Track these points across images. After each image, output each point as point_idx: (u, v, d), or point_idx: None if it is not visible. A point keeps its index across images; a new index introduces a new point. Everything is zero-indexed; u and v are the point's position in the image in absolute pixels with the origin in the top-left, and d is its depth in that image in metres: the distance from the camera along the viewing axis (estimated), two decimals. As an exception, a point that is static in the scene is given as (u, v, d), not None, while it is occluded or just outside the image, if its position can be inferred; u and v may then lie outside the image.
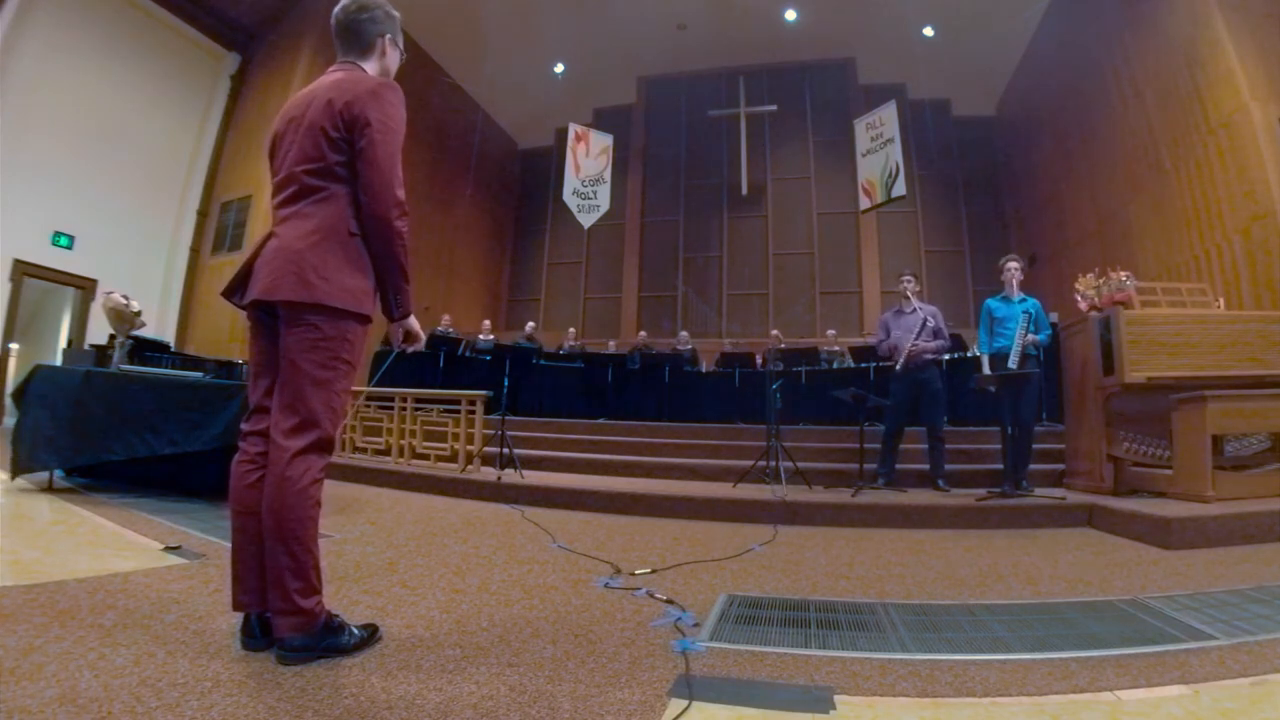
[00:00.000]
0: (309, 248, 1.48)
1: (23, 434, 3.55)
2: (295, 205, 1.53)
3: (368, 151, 1.51)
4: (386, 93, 1.57)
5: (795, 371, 7.34)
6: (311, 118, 1.54)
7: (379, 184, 1.51)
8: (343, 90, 1.54)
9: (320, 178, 1.52)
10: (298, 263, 1.46)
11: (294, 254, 1.47)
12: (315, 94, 1.58)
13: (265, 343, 1.57)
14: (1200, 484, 3.45)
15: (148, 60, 9.01)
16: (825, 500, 4.01)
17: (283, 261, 1.47)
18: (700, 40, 12.42)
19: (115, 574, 2.03)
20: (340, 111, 1.51)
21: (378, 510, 3.78)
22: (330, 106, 1.52)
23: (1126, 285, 4.04)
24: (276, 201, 1.58)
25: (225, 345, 8.49)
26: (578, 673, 1.44)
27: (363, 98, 1.53)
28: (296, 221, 1.51)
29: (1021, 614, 1.94)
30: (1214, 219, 6.53)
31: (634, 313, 13.04)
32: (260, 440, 1.53)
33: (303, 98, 1.62)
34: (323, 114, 1.53)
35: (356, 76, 1.60)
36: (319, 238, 1.49)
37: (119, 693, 1.21)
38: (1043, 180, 10.62)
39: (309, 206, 1.52)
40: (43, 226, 7.83)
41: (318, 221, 1.50)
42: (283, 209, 1.55)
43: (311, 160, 1.53)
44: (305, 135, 1.54)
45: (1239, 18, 6.37)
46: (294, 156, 1.55)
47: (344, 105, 1.51)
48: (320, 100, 1.55)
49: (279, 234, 1.52)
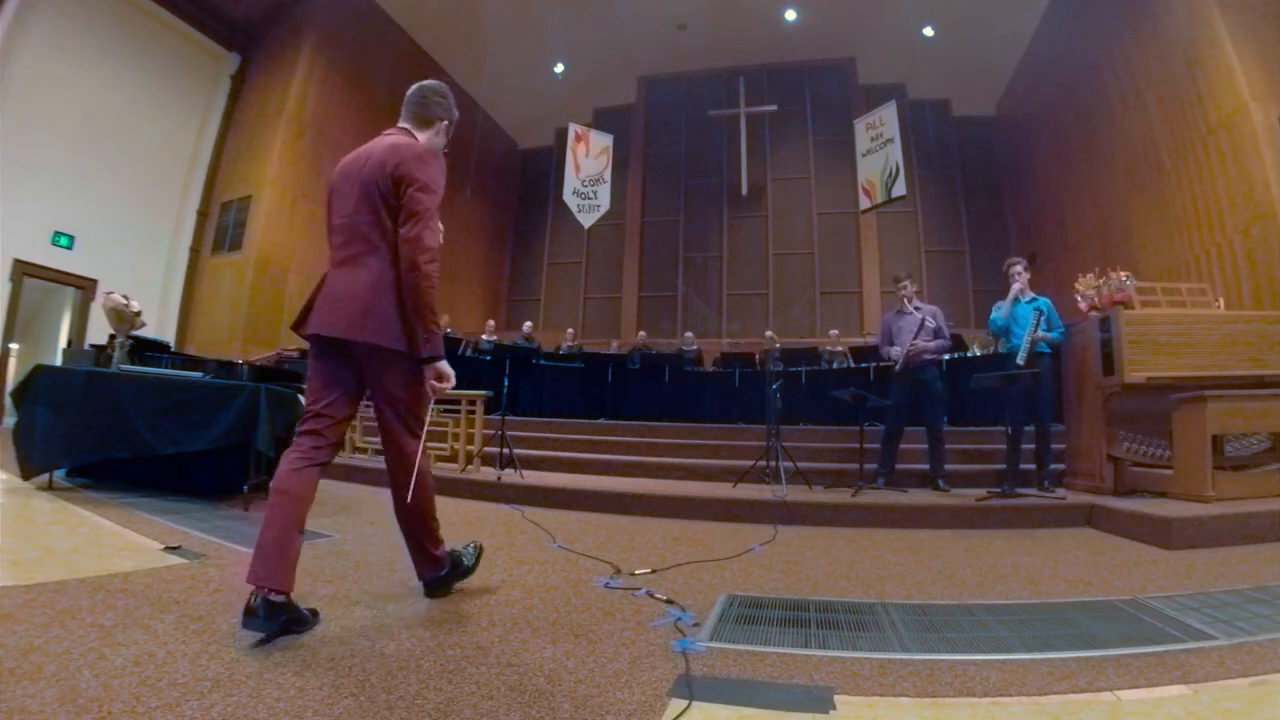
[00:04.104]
0: (370, 296, 1.73)
1: (30, 434, 3.57)
2: (350, 250, 1.78)
3: (409, 206, 1.75)
4: (431, 159, 1.84)
5: (795, 371, 7.33)
6: (367, 175, 1.79)
7: (414, 234, 1.74)
8: (395, 153, 1.79)
9: (373, 229, 1.77)
10: (362, 309, 1.72)
11: (356, 299, 1.73)
12: (372, 153, 1.83)
13: (327, 363, 1.81)
14: (1200, 484, 3.45)
15: (148, 60, 9.01)
16: (825, 500, 4.01)
17: (348, 305, 1.73)
18: (700, 40, 12.42)
19: (115, 574, 2.03)
20: (390, 172, 1.76)
21: (378, 510, 3.77)
22: (383, 168, 1.77)
23: (1126, 285, 4.04)
24: (335, 245, 1.83)
25: (225, 345, 8.49)
26: (578, 673, 1.44)
27: (410, 161, 1.78)
28: (355, 270, 1.76)
29: (1021, 614, 1.94)
30: (1214, 219, 6.53)
31: (634, 313, 13.04)
32: (312, 438, 1.77)
33: (360, 155, 1.87)
34: (377, 173, 1.77)
35: (408, 142, 1.86)
36: (376, 286, 1.73)
37: (119, 693, 1.21)
38: (1043, 180, 10.62)
39: (365, 257, 1.77)
40: (43, 226, 7.82)
41: (374, 272, 1.74)
42: (340, 253, 1.81)
43: (366, 212, 1.77)
44: (361, 190, 1.78)
45: (1239, 18, 6.36)
46: (351, 208, 1.79)
47: (394, 166, 1.77)
48: (375, 161, 1.80)
49: (338, 278, 1.77)
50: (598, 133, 10.88)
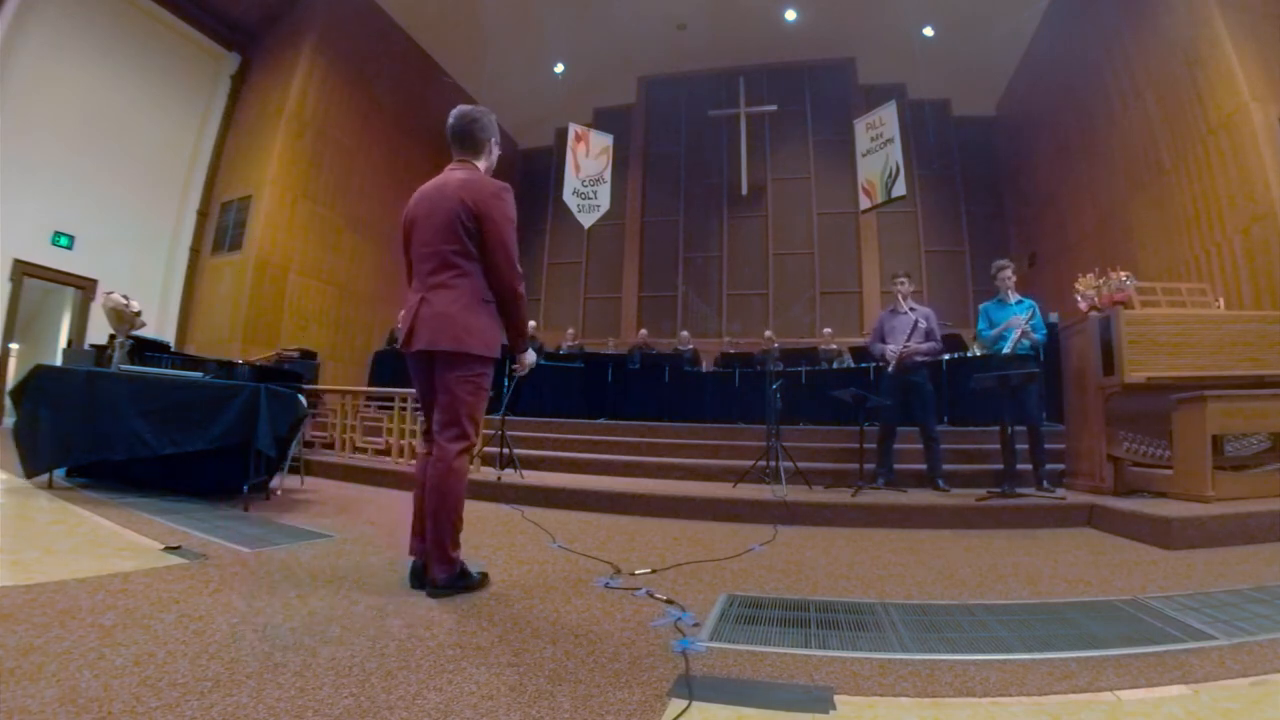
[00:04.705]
0: (459, 312, 2.06)
1: (33, 432, 3.58)
2: (441, 276, 2.09)
3: (493, 238, 2.09)
4: (504, 194, 2.15)
5: (795, 371, 7.33)
6: (449, 208, 2.08)
7: (504, 263, 2.12)
8: (471, 190, 2.09)
9: (459, 255, 2.09)
10: (453, 323, 2.05)
11: (449, 317, 2.05)
12: (447, 188, 2.12)
13: (426, 379, 2.16)
14: (1200, 484, 3.45)
15: (148, 60, 9.00)
16: (825, 500, 4.01)
17: (442, 322, 2.05)
18: (700, 40, 12.41)
19: (115, 574, 2.03)
20: (471, 208, 2.07)
21: (378, 510, 3.78)
22: (464, 203, 2.07)
23: (1126, 285, 4.03)
24: (426, 270, 2.12)
25: (225, 345, 8.49)
26: (578, 672, 1.44)
27: (488, 199, 2.10)
28: (445, 291, 2.07)
29: (1021, 614, 1.94)
30: (1214, 219, 6.53)
31: (634, 313, 13.03)
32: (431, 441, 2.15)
33: (435, 189, 2.16)
34: (460, 208, 2.07)
35: (479, 179, 2.15)
36: (465, 305, 2.07)
37: (119, 693, 1.21)
38: (1043, 180, 10.61)
39: (452, 279, 2.08)
40: (43, 226, 7.82)
41: (463, 293, 2.08)
42: (431, 278, 2.10)
43: (452, 241, 2.08)
44: (444, 222, 2.08)
45: (1239, 18, 6.36)
46: (438, 237, 2.09)
47: (474, 203, 2.07)
48: (454, 196, 2.09)
49: (432, 300, 2.07)
50: (598, 133, 10.88)
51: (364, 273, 10.85)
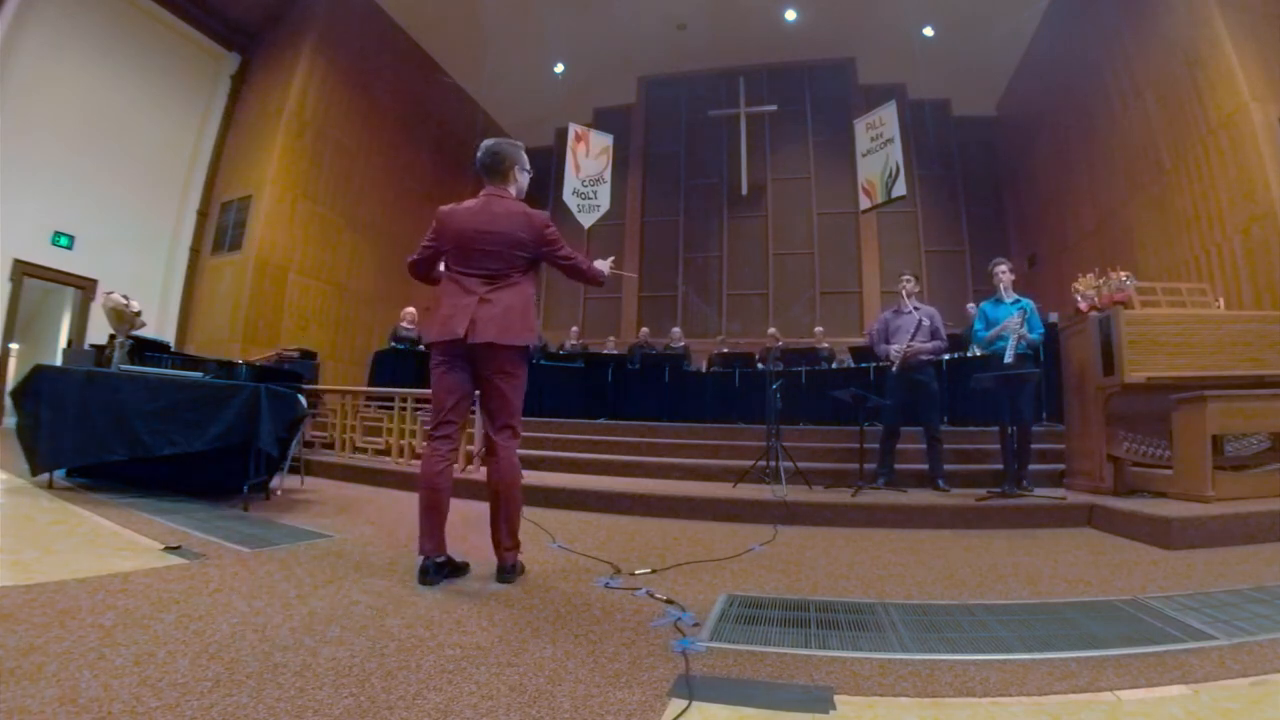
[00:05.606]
0: (521, 313, 2.32)
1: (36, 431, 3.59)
2: (502, 282, 2.33)
3: (560, 255, 2.45)
4: (551, 223, 2.46)
5: (795, 371, 7.33)
6: (507, 229, 2.34)
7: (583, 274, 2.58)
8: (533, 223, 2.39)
9: (521, 261, 2.38)
10: (520, 320, 2.30)
11: (516, 312, 2.30)
12: (496, 213, 2.38)
13: (458, 374, 2.31)
14: (1200, 484, 3.44)
15: (148, 60, 9.00)
16: (825, 500, 4.01)
17: (510, 317, 2.28)
18: (700, 40, 12.40)
19: (115, 574, 2.03)
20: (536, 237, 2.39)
21: (378, 510, 3.78)
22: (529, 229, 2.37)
23: (1126, 285, 4.03)
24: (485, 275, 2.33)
25: (225, 345, 8.48)
26: (578, 673, 1.44)
27: (541, 229, 2.40)
28: (507, 293, 2.32)
29: (1021, 614, 1.94)
30: (1214, 219, 6.53)
31: (634, 313, 13.02)
32: (447, 441, 2.31)
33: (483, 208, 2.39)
34: (526, 231, 2.36)
35: (526, 211, 2.42)
36: (524, 306, 2.34)
37: (119, 693, 1.21)
38: (1043, 180, 10.61)
39: (514, 279, 2.36)
40: (43, 226, 7.82)
41: (521, 295, 2.35)
42: (493, 282, 2.33)
43: (518, 250, 2.37)
44: (505, 241, 2.34)
45: (1239, 18, 6.36)
46: (503, 253, 2.34)
47: (536, 233, 2.39)
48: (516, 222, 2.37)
49: (495, 300, 2.29)
50: (598, 133, 10.87)
51: (364, 273, 10.84)
